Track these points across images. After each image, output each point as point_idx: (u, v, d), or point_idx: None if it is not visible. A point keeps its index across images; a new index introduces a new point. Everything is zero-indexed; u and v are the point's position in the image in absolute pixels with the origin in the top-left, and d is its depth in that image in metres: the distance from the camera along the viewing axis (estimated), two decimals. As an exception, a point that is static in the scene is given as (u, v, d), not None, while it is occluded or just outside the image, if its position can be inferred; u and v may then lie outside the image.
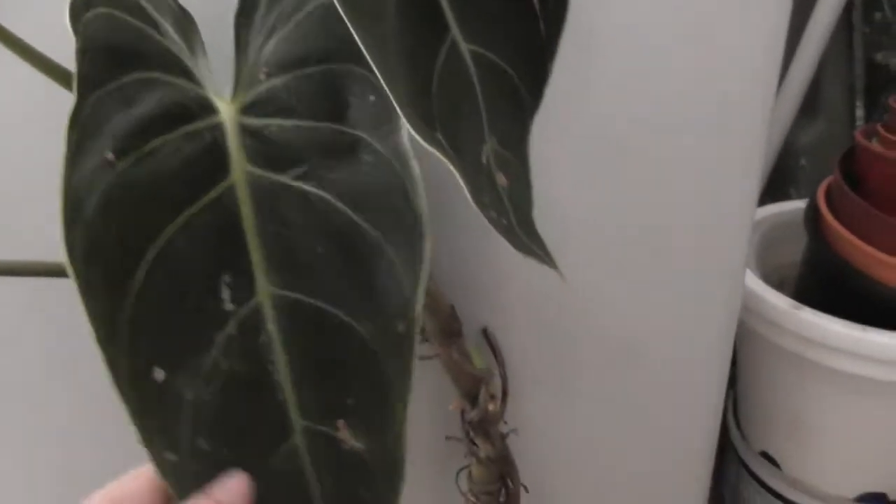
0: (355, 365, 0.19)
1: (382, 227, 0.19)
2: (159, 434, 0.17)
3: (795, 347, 0.53)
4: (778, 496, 0.67)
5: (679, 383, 0.46)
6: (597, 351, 0.44)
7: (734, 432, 0.72)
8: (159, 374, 0.17)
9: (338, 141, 0.20)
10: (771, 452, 0.65)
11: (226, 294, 0.18)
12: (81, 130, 0.17)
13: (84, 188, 0.17)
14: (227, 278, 0.18)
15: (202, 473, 0.18)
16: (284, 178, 0.19)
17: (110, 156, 0.17)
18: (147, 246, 0.17)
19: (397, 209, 0.19)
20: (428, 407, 0.42)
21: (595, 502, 0.49)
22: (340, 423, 0.19)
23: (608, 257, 0.41)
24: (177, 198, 0.18)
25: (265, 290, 0.18)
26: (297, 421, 0.19)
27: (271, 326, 0.18)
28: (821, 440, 0.59)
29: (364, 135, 0.20)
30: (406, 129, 0.20)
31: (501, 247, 0.39)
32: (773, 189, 0.81)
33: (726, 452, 0.75)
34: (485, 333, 0.40)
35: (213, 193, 0.19)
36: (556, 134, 0.36)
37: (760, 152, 0.41)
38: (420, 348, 0.37)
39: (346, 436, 0.19)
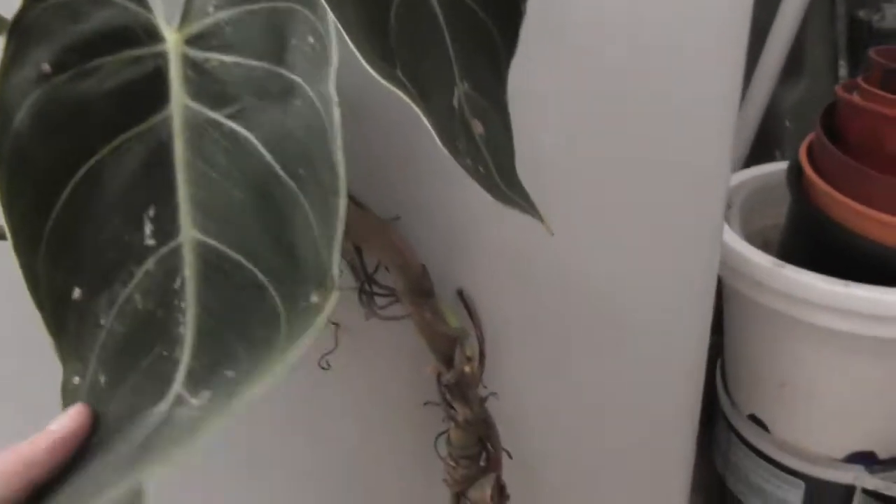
0: (261, 337, 0.18)
1: (300, 177, 0.18)
2: (73, 357, 0.16)
3: (779, 306, 0.53)
4: (768, 459, 0.67)
5: (660, 342, 0.46)
6: (577, 312, 0.43)
7: (723, 398, 0.71)
8: (76, 294, 0.16)
9: (273, 82, 0.19)
10: (759, 415, 0.65)
11: (148, 229, 0.17)
12: (21, 38, 0.17)
13: (16, 97, 0.16)
14: (151, 213, 0.17)
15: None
16: (218, 116, 0.19)
17: (46, 67, 0.17)
18: (77, 165, 0.17)
19: (315, 159, 0.18)
20: (404, 373, 0.42)
21: (579, 465, 0.49)
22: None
23: (587, 215, 0.41)
24: (111, 121, 0.18)
25: (188, 232, 0.18)
26: (182, 386, 0.17)
27: (188, 272, 0.17)
28: (808, 400, 0.59)
29: (299, 78, 0.19)
30: (334, 75, 0.19)
31: (477, 205, 0.39)
32: (759, 152, 0.80)
33: (716, 419, 0.75)
34: (460, 295, 0.39)
35: (149, 122, 0.18)
36: (534, 81, 0.35)
37: (734, 106, 0.41)
38: (392, 309, 0.37)
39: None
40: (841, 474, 0.63)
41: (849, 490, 0.64)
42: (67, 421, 0.18)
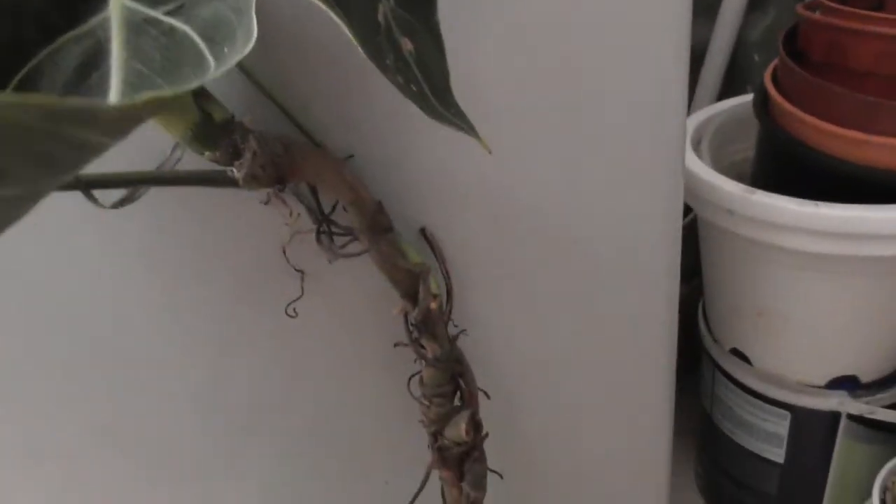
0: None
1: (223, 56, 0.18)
2: None
3: (752, 233, 0.53)
4: (752, 392, 0.67)
5: (631, 277, 0.46)
6: (544, 249, 0.43)
7: (706, 336, 0.72)
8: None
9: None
10: (740, 348, 0.66)
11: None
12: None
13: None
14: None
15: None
16: (156, 13, 0.18)
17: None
18: (14, 70, 0.16)
19: (234, 42, 0.18)
20: (373, 316, 0.42)
21: (557, 403, 0.49)
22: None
23: (546, 151, 0.40)
24: (50, 24, 0.17)
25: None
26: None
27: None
28: (786, 328, 0.59)
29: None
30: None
31: (440, 144, 0.38)
32: (729, 89, 0.80)
33: (701, 358, 0.75)
34: (423, 233, 0.39)
35: (88, 24, 0.18)
36: (479, 10, 0.34)
37: (687, 25, 0.40)
38: (352, 246, 0.37)
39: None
40: (824, 401, 0.64)
41: (834, 417, 0.65)
42: None
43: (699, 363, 0.77)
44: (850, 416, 0.64)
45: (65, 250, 0.39)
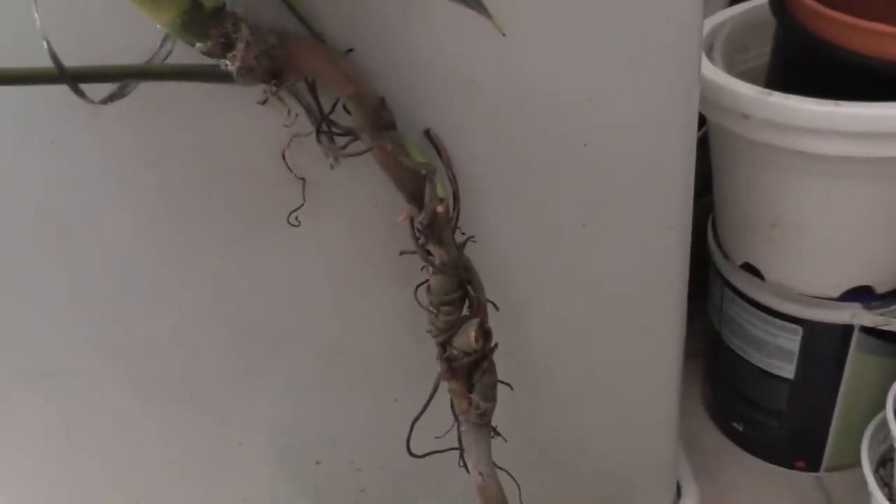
0: None
1: None
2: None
3: (768, 137, 0.52)
4: (763, 308, 0.67)
5: (643, 179, 0.45)
6: (553, 152, 0.42)
7: (716, 253, 0.71)
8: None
9: None
10: (753, 262, 0.65)
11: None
12: None
13: None
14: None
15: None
16: None
17: None
18: None
19: None
20: (378, 225, 0.41)
21: (568, 314, 0.49)
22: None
23: (555, 45, 0.39)
24: None
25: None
26: None
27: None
28: (800, 238, 0.59)
29: None
30: None
31: (445, 41, 0.37)
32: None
33: (709, 279, 0.75)
34: (427, 134, 0.38)
35: None
36: None
37: None
38: (355, 145, 0.35)
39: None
40: (838, 314, 0.64)
41: (847, 330, 0.65)
42: None
43: (706, 285, 0.76)
44: (864, 329, 0.64)
45: (61, 162, 0.37)
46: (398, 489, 0.59)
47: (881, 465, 0.68)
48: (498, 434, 0.44)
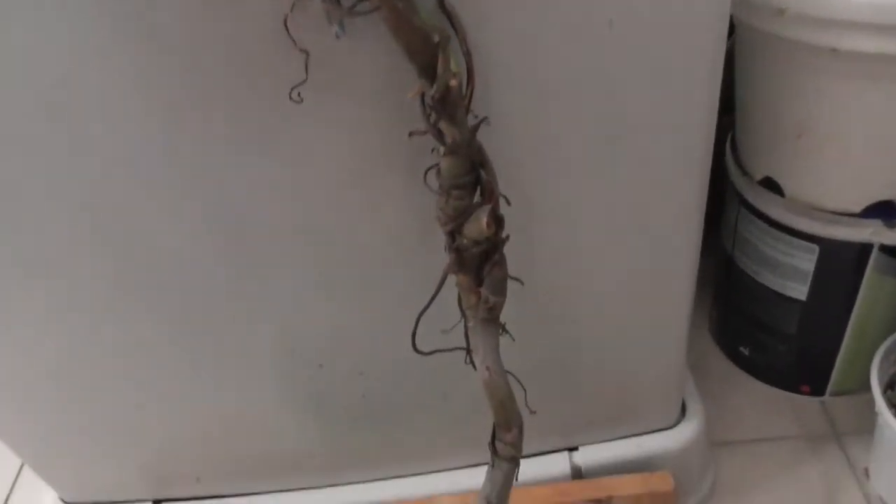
0: None
1: None
2: None
3: (803, 34, 0.49)
4: (780, 226, 0.65)
5: (668, 69, 0.42)
6: (573, 35, 0.39)
7: (734, 172, 0.69)
8: None
9: None
10: (774, 176, 0.63)
11: None
12: None
13: None
14: None
15: None
16: None
17: None
18: None
19: None
20: (385, 103, 0.39)
21: (581, 212, 0.47)
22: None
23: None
24: None
25: None
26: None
27: None
28: (828, 148, 0.56)
29: None
30: None
31: None
32: None
33: (727, 197, 0.73)
34: (441, 5, 0.35)
35: None
36: None
37: None
38: (363, 6, 0.33)
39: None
40: (857, 232, 0.62)
41: (864, 249, 0.63)
42: None
43: (719, 213, 0.74)
44: (882, 248, 0.62)
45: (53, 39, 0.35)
46: (401, 397, 0.58)
47: (889, 386, 0.67)
48: (506, 332, 0.42)
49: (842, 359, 0.72)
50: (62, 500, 0.66)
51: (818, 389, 0.77)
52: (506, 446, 0.41)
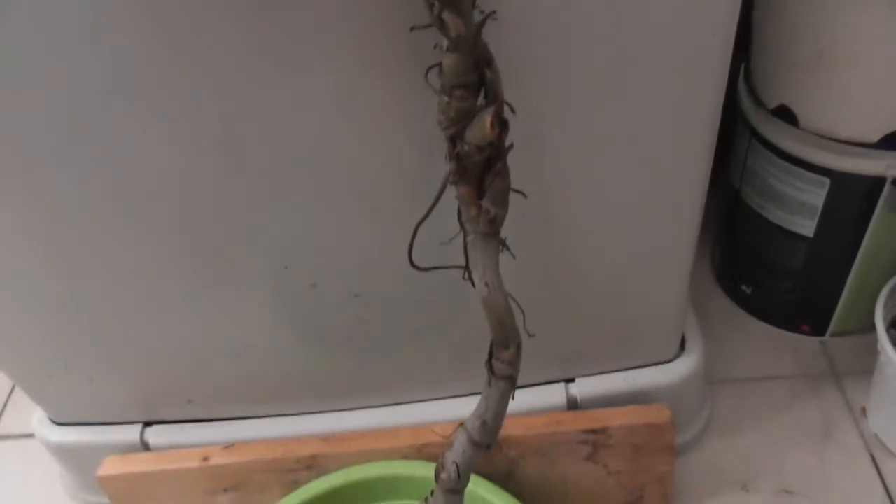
0: None
1: None
2: None
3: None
4: (791, 158, 0.63)
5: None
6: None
7: (746, 101, 0.67)
8: None
9: None
10: (788, 103, 0.60)
11: None
12: None
13: None
14: None
15: None
16: None
17: None
18: None
19: None
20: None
21: (589, 132, 0.45)
22: None
23: None
24: None
25: None
26: None
27: None
28: (849, 70, 0.54)
29: None
30: None
31: None
32: None
33: (737, 130, 0.70)
34: None
35: None
36: None
37: None
38: None
39: None
40: (872, 164, 0.60)
41: (877, 183, 0.61)
42: None
43: (726, 150, 0.72)
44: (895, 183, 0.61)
45: None
46: (397, 323, 0.57)
47: (892, 325, 0.66)
48: (506, 248, 0.41)
49: (845, 298, 0.71)
50: (50, 419, 0.66)
51: (819, 329, 0.76)
52: (503, 365, 0.40)
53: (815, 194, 0.64)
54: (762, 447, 0.69)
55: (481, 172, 0.38)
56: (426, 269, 0.42)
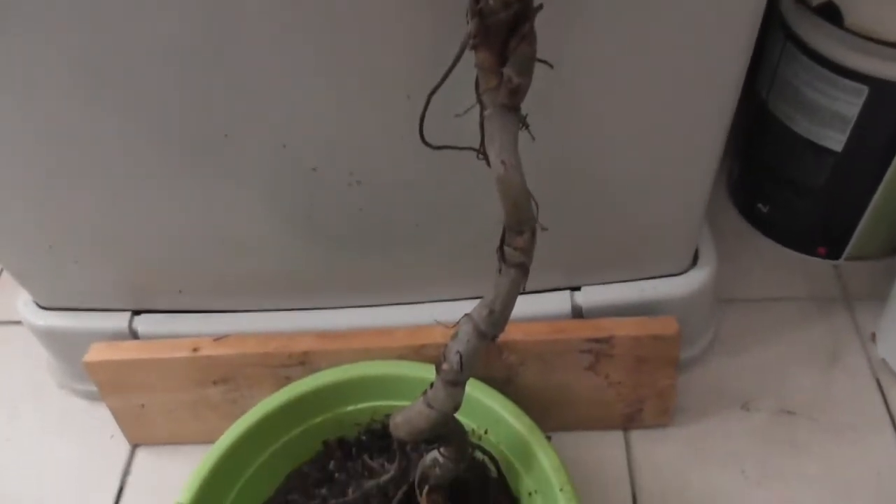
0: None
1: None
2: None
3: None
4: (830, 65, 0.59)
5: None
6: None
7: (786, 0, 0.62)
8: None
9: None
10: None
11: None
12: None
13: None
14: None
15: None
16: None
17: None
18: None
19: None
20: None
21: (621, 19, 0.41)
22: None
23: None
24: None
25: None
26: None
27: None
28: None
29: None
30: None
31: None
32: None
33: (768, 39, 0.66)
34: None
35: None
36: None
37: None
38: None
39: None
40: (916, 72, 0.56)
41: (918, 94, 0.57)
42: None
43: (758, 57, 0.67)
44: (938, 94, 0.57)
45: None
46: (400, 214, 0.54)
47: (917, 248, 0.63)
48: (526, 126, 0.37)
49: (867, 219, 0.68)
50: (37, 303, 0.64)
51: (835, 252, 0.73)
52: (515, 252, 0.37)
53: (851, 104, 0.60)
54: (766, 367, 0.67)
55: (505, 35, 0.34)
56: (438, 148, 0.39)
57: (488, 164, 0.36)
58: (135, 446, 0.67)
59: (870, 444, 0.62)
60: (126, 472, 0.65)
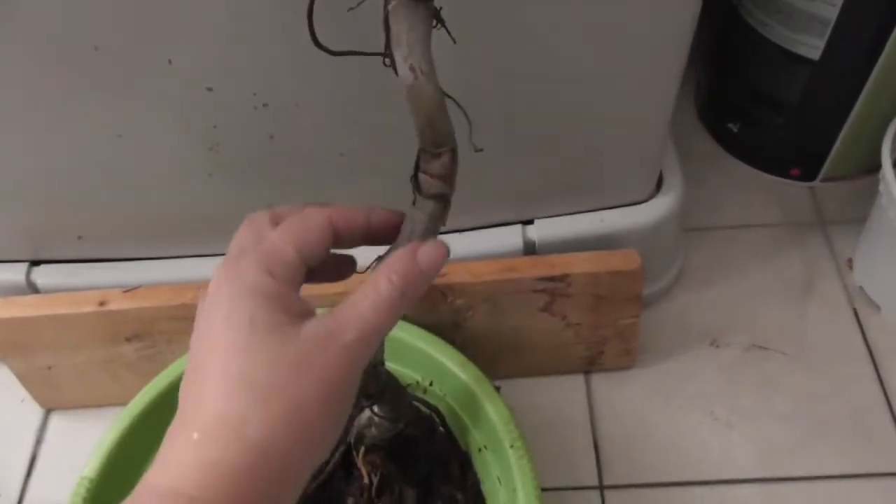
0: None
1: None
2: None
3: None
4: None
5: None
6: None
7: None
8: None
9: None
10: None
11: None
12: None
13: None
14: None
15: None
16: None
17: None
18: None
19: None
20: None
21: None
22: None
23: None
24: None
25: None
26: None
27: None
28: None
29: None
30: None
31: None
32: None
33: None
34: None
35: None
36: None
37: None
38: None
39: None
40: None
41: None
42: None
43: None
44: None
45: None
46: (314, 143, 0.47)
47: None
48: (441, 23, 0.30)
49: (844, 135, 0.63)
50: (-82, 257, 0.56)
51: (810, 173, 0.68)
52: (431, 180, 0.31)
53: (829, 5, 0.53)
54: (736, 300, 0.63)
55: None
56: (338, 54, 0.32)
57: (396, 71, 0.30)
58: (48, 411, 0.61)
59: (846, 378, 0.58)
60: (39, 440, 0.59)
